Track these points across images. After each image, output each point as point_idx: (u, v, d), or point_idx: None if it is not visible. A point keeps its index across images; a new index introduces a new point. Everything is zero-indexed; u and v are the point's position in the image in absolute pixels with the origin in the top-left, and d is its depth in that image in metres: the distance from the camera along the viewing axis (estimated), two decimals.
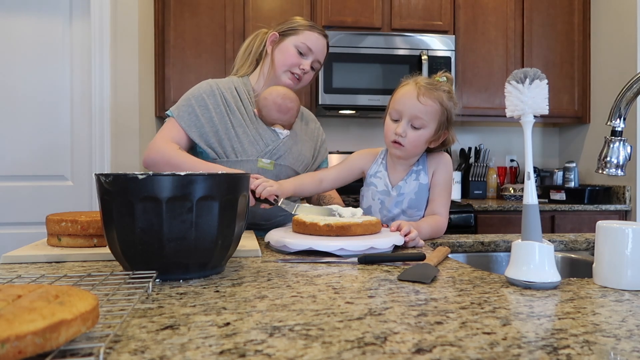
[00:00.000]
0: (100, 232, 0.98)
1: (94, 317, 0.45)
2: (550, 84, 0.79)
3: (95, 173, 0.76)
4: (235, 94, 1.42)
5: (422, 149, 1.27)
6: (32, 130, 2.47)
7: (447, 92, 1.24)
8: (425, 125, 1.22)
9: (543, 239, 0.74)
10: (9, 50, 2.46)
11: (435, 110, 1.22)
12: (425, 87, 1.22)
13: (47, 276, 0.73)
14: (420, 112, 1.21)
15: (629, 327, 0.54)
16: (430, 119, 1.22)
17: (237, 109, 1.39)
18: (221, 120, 1.36)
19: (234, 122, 1.37)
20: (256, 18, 2.76)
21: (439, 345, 0.48)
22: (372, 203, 1.32)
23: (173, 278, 0.75)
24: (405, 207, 1.28)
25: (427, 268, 0.82)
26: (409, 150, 1.25)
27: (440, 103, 1.22)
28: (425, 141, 1.25)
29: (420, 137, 1.23)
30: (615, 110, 0.99)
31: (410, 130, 1.22)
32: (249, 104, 1.42)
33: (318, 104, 2.73)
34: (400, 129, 1.22)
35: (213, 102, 1.37)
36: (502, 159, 3.33)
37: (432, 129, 1.23)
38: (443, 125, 1.24)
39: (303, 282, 0.75)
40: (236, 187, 0.78)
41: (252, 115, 1.41)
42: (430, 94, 1.21)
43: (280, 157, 1.38)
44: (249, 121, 1.39)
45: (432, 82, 1.25)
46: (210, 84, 1.41)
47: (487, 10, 2.93)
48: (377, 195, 1.31)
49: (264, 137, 1.38)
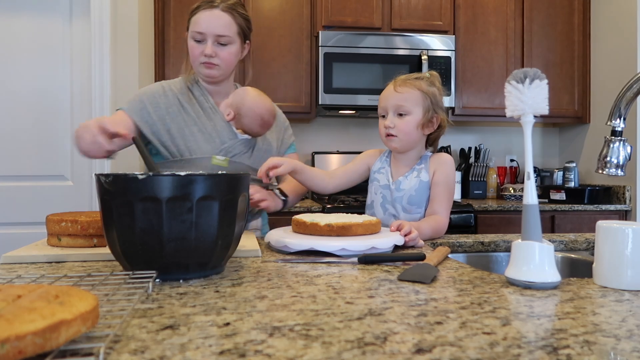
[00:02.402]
0: (100, 232, 0.98)
1: (94, 317, 0.45)
2: (550, 84, 0.79)
3: (95, 173, 0.76)
4: (187, 92, 1.41)
5: (417, 135, 1.32)
6: (32, 130, 2.47)
7: (427, 80, 1.32)
8: (409, 111, 1.29)
9: (543, 239, 0.74)
10: (9, 50, 2.46)
11: (415, 96, 1.29)
12: (401, 79, 1.32)
13: (47, 276, 0.73)
14: (400, 100, 1.29)
15: (629, 327, 0.54)
16: (413, 104, 1.29)
17: (190, 107, 1.38)
18: (174, 120, 1.35)
19: (188, 121, 1.36)
20: (256, 18, 2.76)
21: (439, 345, 0.48)
22: (375, 197, 1.37)
23: (173, 278, 0.75)
24: (405, 204, 1.31)
25: (427, 268, 0.82)
26: (402, 139, 1.30)
27: (419, 89, 1.29)
28: (416, 126, 1.30)
29: (408, 124, 1.29)
30: (615, 110, 0.99)
31: (397, 120, 1.30)
32: (203, 101, 1.41)
33: (318, 104, 2.73)
34: (388, 121, 1.30)
35: (165, 101, 1.37)
36: (502, 159, 3.33)
37: (419, 114, 1.29)
38: (430, 109, 1.30)
39: (303, 282, 0.75)
40: (236, 187, 0.78)
41: (209, 112, 1.39)
42: (406, 84, 1.30)
43: (236, 155, 1.37)
44: (204, 118, 1.38)
45: (410, 75, 1.34)
46: (162, 85, 1.41)
47: (487, 10, 2.93)
48: (379, 189, 1.36)
49: (220, 134, 1.37)
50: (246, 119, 1.34)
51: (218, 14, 1.34)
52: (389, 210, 1.33)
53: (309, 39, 2.81)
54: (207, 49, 1.33)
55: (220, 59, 1.35)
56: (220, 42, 1.35)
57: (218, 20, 1.33)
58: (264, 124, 1.35)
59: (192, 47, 1.36)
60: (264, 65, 2.77)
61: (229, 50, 1.36)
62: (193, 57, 1.37)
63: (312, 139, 3.18)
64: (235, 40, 1.37)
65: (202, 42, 1.35)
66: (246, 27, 1.41)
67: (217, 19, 1.34)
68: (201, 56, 1.35)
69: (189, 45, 1.37)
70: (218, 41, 1.34)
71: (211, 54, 1.33)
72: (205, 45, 1.34)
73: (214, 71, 1.37)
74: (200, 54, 1.35)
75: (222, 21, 1.34)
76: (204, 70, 1.37)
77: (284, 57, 2.79)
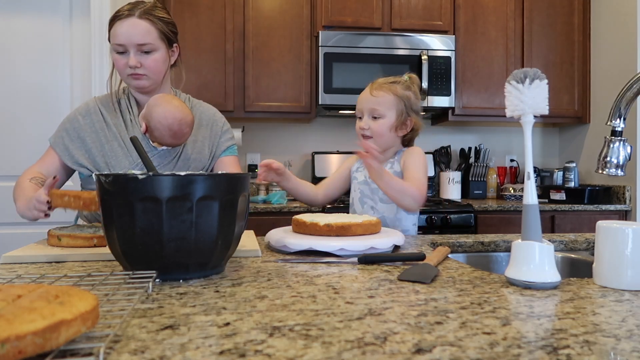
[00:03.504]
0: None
1: (94, 317, 0.45)
2: (550, 84, 0.79)
3: (95, 173, 0.76)
4: (114, 106, 1.39)
5: (391, 137, 1.40)
6: (32, 130, 2.47)
7: (404, 84, 1.39)
8: (383, 114, 1.37)
9: (543, 239, 0.74)
10: (9, 50, 2.46)
11: (389, 100, 1.37)
12: (377, 83, 1.40)
13: (47, 276, 0.73)
14: (374, 103, 1.37)
15: (629, 327, 0.54)
16: (387, 108, 1.37)
17: (114, 122, 1.37)
18: (94, 139, 1.35)
19: (110, 137, 1.36)
20: (256, 18, 2.77)
21: (439, 345, 0.48)
22: (354, 194, 1.46)
23: (173, 278, 0.75)
24: (382, 195, 1.38)
25: (427, 268, 0.82)
26: (377, 140, 1.39)
27: (393, 93, 1.37)
28: (389, 128, 1.38)
29: (382, 126, 1.38)
30: (615, 110, 0.99)
31: (372, 122, 1.39)
32: (127, 114, 1.39)
33: (318, 104, 2.73)
34: (363, 123, 1.40)
35: (88, 121, 1.37)
36: (502, 159, 3.33)
37: (392, 117, 1.38)
38: (404, 112, 1.38)
39: (303, 282, 0.75)
40: (236, 187, 0.78)
41: (130, 125, 1.37)
42: (381, 88, 1.38)
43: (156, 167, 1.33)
44: (124, 132, 1.37)
45: (388, 79, 1.40)
46: (88, 103, 1.41)
47: (487, 10, 2.93)
48: (358, 186, 1.45)
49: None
50: (156, 131, 1.29)
51: (135, 22, 1.29)
52: (367, 204, 1.41)
53: (309, 39, 2.81)
54: (131, 60, 1.29)
55: (146, 68, 1.31)
56: (144, 50, 1.30)
57: (136, 29, 1.28)
58: (175, 135, 1.28)
59: (116, 60, 1.32)
60: (264, 65, 2.77)
61: (154, 58, 1.32)
62: (119, 70, 1.34)
63: (312, 139, 3.18)
64: (158, 47, 1.32)
65: (125, 53, 1.30)
66: (169, 31, 1.36)
67: (135, 27, 1.28)
68: (126, 68, 1.31)
69: (113, 58, 1.33)
70: (140, 50, 1.30)
71: (135, 64, 1.29)
72: (128, 56, 1.30)
73: (142, 82, 1.33)
74: (125, 65, 1.31)
75: (140, 29, 1.29)
76: (133, 82, 1.34)
77: (284, 57, 2.79)
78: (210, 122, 1.47)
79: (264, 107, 2.77)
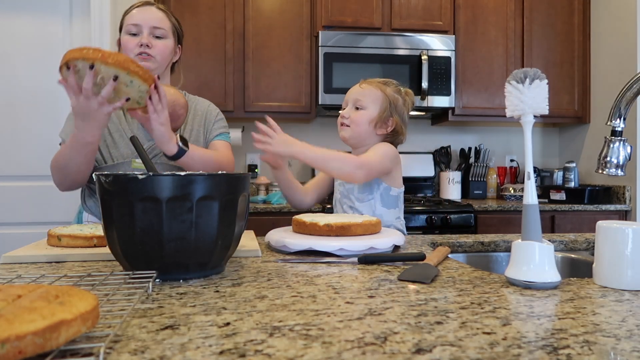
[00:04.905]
0: None
1: (94, 317, 0.45)
2: (550, 84, 0.79)
3: (95, 173, 0.76)
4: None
5: (368, 130, 1.36)
6: (32, 130, 2.47)
7: (396, 88, 1.38)
8: (365, 106, 1.35)
9: (543, 239, 0.74)
10: (9, 50, 2.46)
11: (375, 94, 1.35)
12: (370, 79, 1.40)
13: (47, 276, 0.73)
14: (360, 94, 1.36)
15: (629, 327, 0.54)
16: (371, 101, 1.35)
17: (115, 113, 1.39)
18: None
19: (112, 128, 1.38)
20: (256, 18, 2.77)
21: (439, 345, 0.48)
22: (335, 196, 1.46)
23: (173, 278, 0.75)
24: (357, 193, 1.37)
25: (427, 268, 0.82)
26: (353, 130, 1.36)
27: (382, 91, 1.36)
28: (368, 121, 1.35)
29: (361, 116, 1.35)
30: (615, 110, 0.99)
31: (352, 112, 1.37)
32: None
33: (318, 104, 2.73)
34: (345, 112, 1.38)
35: None
36: (502, 159, 3.33)
37: (374, 112, 1.35)
38: (387, 110, 1.35)
39: (303, 282, 0.75)
40: (236, 187, 0.78)
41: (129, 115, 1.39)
42: (371, 83, 1.38)
43: (157, 155, 1.37)
44: (125, 124, 1.39)
45: (382, 79, 1.40)
46: None
47: (487, 10, 2.93)
48: (338, 187, 1.45)
49: (139, 137, 1.36)
50: None
51: (153, 9, 1.38)
52: (346, 204, 1.40)
53: (309, 39, 2.81)
54: (144, 39, 1.34)
55: (156, 50, 1.36)
56: (156, 35, 1.36)
57: (153, 14, 1.37)
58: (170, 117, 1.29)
59: (127, 41, 1.36)
60: (264, 65, 2.77)
61: (164, 43, 1.38)
62: (128, 51, 1.35)
63: (312, 139, 3.17)
64: (170, 36, 1.39)
65: (138, 34, 1.35)
66: (180, 30, 1.44)
67: (152, 12, 1.37)
68: (136, 47, 1.34)
69: (123, 41, 1.37)
70: (153, 33, 1.36)
71: (147, 44, 1.34)
72: (140, 36, 1.34)
73: (149, 63, 1.36)
74: (135, 45, 1.34)
75: (156, 15, 1.37)
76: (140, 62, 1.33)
77: (284, 57, 2.79)
78: (205, 112, 1.51)
79: (264, 107, 2.77)
